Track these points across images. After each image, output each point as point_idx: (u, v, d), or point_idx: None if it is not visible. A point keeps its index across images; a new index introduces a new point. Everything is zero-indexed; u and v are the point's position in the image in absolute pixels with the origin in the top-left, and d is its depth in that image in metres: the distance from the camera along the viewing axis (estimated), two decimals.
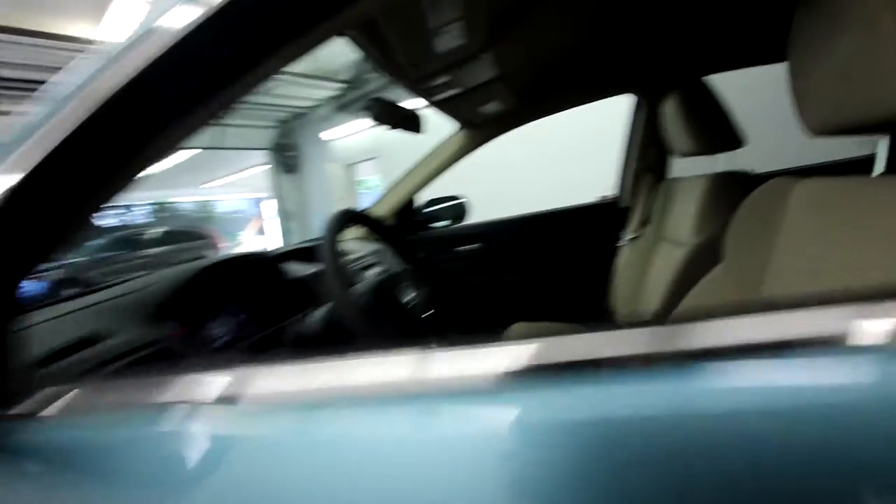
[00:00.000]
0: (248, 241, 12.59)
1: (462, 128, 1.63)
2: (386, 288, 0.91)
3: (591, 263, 1.76)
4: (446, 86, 1.09)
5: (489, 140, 1.64)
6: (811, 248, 0.65)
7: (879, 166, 0.62)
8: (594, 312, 1.73)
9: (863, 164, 1.47)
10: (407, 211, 1.84)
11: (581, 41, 1.14)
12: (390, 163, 5.22)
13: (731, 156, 1.28)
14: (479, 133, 1.61)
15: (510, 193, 3.81)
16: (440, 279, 1.52)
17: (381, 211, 1.76)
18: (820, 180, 0.67)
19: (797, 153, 1.61)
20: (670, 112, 1.34)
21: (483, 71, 1.05)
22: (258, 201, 12.42)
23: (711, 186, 1.18)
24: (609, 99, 1.62)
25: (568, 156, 4.10)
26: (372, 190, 7.37)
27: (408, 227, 1.87)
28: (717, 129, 1.24)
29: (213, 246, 9.31)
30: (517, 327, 1.70)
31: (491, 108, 1.41)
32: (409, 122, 1.20)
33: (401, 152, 2.15)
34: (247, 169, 9.15)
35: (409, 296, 0.94)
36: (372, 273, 1.11)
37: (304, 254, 1.15)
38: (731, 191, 1.17)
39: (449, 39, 0.88)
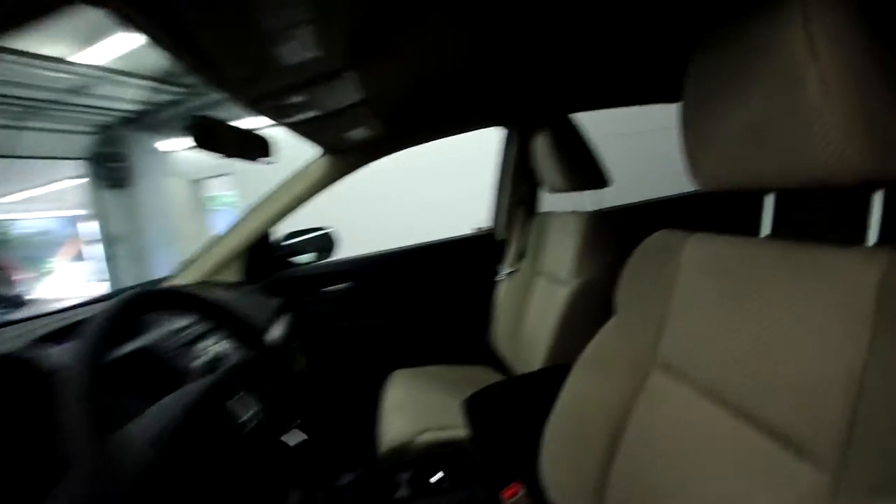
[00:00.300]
0: (61, 269, 10.19)
1: (325, 153, 1.41)
2: (204, 413, 0.57)
3: (469, 299, 1.68)
4: (299, 107, 0.88)
5: (358, 167, 1.45)
6: (705, 311, 0.61)
7: (766, 227, 0.59)
8: (476, 351, 1.64)
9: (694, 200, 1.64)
10: (262, 246, 1.54)
11: (451, 72, 1.03)
12: (248, 179, 4.65)
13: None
14: (345, 160, 1.42)
15: (384, 223, 3.63)
16: (295, 364, 1.25)
17: (209, 266, 1.42)
18: (710, 238, 0.64)
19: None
20: (540, 148, 1.32)
21: (343, 93, 0.87)
22: (74, 220, 10.15)
23: (587, 226, 1.17)
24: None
25: (445, 183, 4.10)
26: (227, 207, 6.49)
27: (263, 265, 1.57)
28: (584, 168, 1.24)
29: (8, 278, 7.26)
30: (398, 375, 1.53)
31: (357, 133, 1.23)
32: (247, 147, 0.95)
33: (260, 169, 1.84)
34: (55, 182, 7.40)
35: (248, 413, 0.66)
36: (191, 367, 0.78)
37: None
38: (606, 230, 1.17)
39: (295, 52, 0.68)
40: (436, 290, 1.70)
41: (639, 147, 3.00)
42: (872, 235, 0.46)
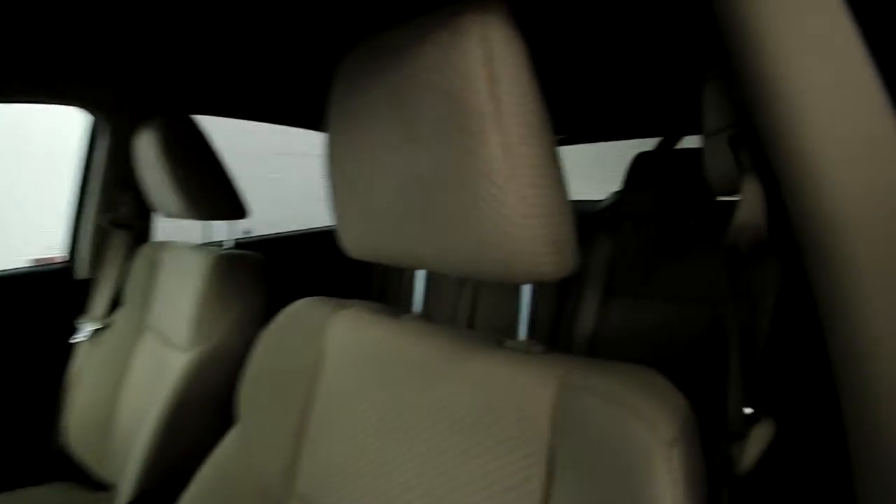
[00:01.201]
0: None
1: None
2: None
3: (21, 374, 1.03)
4: None
5: None
6: (351, 423, 0.45)
7: (417, 303, 0.49)
8: (35, 459, 1.02)
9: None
10: None
11: None
12: None
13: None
14: None
15: None
16: None
17: None
18: (359, 316, 0.49)
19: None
20: (145, 151, 0.92)
21: None
22: None
23: (213, 269, 0.86)
24: None
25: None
26: None
27: None
28: (209, 190, 0.93)
29: None
30: None
31: None
32: None
33: None
34: None
35: None
36: None
37: None
38: (242, 275, 0.89)
39: None
40: None
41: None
42: (522, 329, 0.41)
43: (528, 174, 0.30)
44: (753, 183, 0.26)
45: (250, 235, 1.58)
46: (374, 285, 1.64)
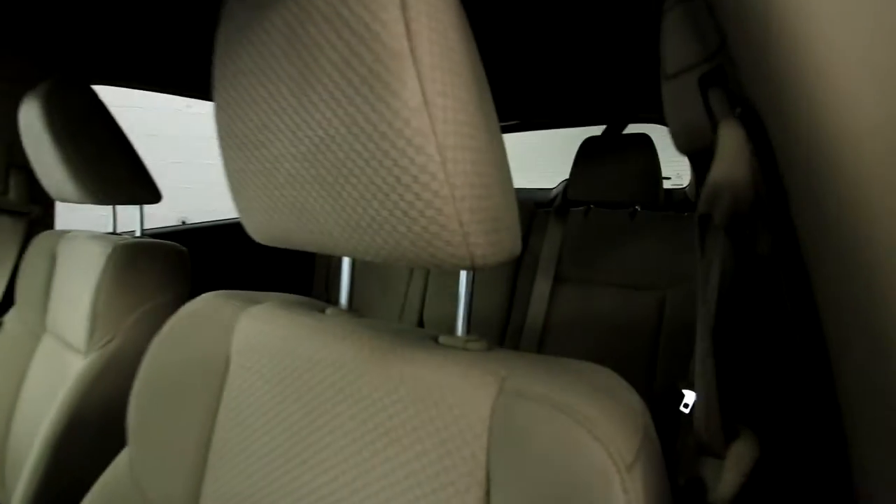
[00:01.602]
0: None
1: None
2: None
3: None
4: None
5: None
6: (261, 418, 0.38)
7: (343, 294, 0.42)
8: None
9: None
10: None
11: None
12: None
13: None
14: None
15: None
16: None
17: None
18: (272, 310, 0.41)
19: None
20: (28, 122, 0.78)
21: None
22: None
23: (118, 259, 0.75)
24: None
25: None
26: None
27: None
28: (108, 170, 0.81)
29: None
30: None
31: None
32: None
33: None
34: None
35: None
36: None
37: None
38: (154, 267, 0.78)
39: None
40: None
41: None
42: (460, 324, 0.35)
43: (455, 133, 0.24)
44: (733, 128, 0.20)
45: (183, 225, 1.43)
46: (318, 277, 1.54)
